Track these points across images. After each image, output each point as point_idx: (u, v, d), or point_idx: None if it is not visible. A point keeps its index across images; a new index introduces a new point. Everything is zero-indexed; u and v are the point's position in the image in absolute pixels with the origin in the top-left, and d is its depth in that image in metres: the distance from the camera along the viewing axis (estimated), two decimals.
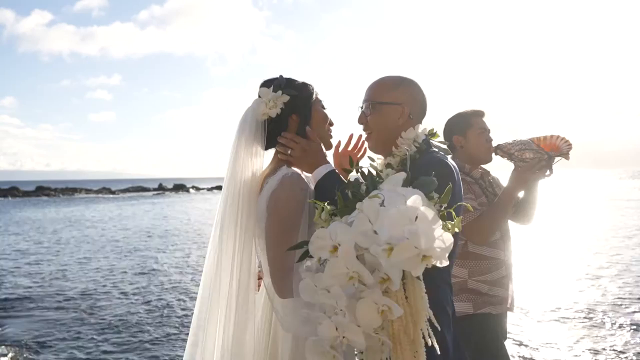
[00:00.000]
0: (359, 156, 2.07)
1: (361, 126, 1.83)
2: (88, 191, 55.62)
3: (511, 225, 2.64)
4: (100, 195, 52.30)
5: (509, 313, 2.66)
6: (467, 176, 2.57)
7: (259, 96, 1.71)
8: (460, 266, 2.49)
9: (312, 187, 1.67)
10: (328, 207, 1.40)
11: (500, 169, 2.71)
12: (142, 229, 18.60)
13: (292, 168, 1.66)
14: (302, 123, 1.71)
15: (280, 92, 1.68)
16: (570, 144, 2.43)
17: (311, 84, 1.76)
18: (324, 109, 1.78)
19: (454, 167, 1.64)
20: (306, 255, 1.30)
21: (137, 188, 61.65)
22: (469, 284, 2.48)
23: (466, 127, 2.62)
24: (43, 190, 52.85)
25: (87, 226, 20.07)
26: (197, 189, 59.77)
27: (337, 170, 1.72)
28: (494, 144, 2.60)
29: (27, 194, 50.90)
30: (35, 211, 29.62)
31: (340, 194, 1.35)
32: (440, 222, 1.15)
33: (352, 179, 1.65)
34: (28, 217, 25.08)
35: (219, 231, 1.66)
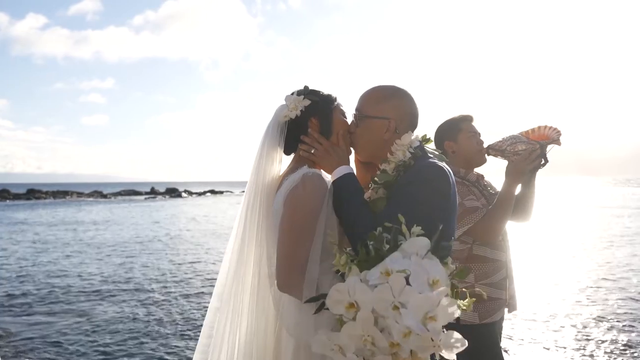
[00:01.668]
0: None
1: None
2: (80, 194, 55.30)
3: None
4: (91, 198, 51.99)
5: (509, 313, 2.67)
6: (464, 180, 2.59)
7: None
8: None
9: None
10: (350, 253, 1.45)
11: (494, 174, 2.73)
12: (132, 232, 18.51)
13: (313, 169, 1.70)
14: (322, 127, 1.76)
15: (302, 97, 1.76)
16: (559, 131, 2.43)
17: (334, 95, 1.83)
18: (345, 117, 1.82)
19: (448, 171, 1.66)
20: (322, 307, 1.38)
21: (129, 192, 61.37)
22: (476, 289, 2.49)
23: (456, 132, 2.65)
24: (34, 193, 52.43)
25: (77, 229, 19.94)
26: (190, 193, 59.51)
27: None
28: (485, 145, 2.63)
29: (17, 196, 50.48)
30: (25, 214, 29.39)
31: (363, 247, 1.38)
32: (456, 308, 1.23)
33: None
34: (18, 220, 24.89)
35: (241, 233, 1.73)
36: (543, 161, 2.45)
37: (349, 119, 1.83)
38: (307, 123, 1.76)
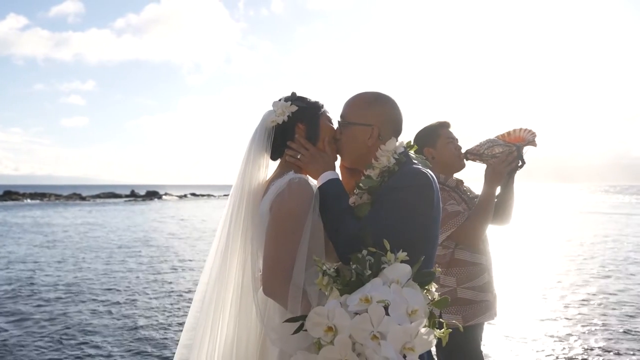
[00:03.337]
0: None
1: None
2: (58, 196, 54.35)
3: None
4: (70, 201, 51.13)
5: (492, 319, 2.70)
6: (444, 185, 2.63)
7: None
8: (449, 274, 2.53)
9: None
10: (330, 270, 1.46)
11: (473, 181, 2.78)
12: (108, 235, 18.28)
13: (300, 174, 1.71)
14: (309, 133, 1.78)
15: (289, 102, 1.78)
16: (534, 133, 2.49)
17: (321, 101, 1.85)
18: (331, 123, 1.84)
19: (432, 177, 1.68)
20: (301, 328, 1.40)
21: (109, 194, 60.57)
22: (459, 292, 2.52)
23: (435, 138, 2.69)
24: (11, 195, 51.48)
25: (53, 231, 19.61)
26: (170, 196, 58.93)
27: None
28: (463, 150, 2.68)
29: None
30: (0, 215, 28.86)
31: (344, 269, 1.42)
32: (433, 337, 1.31)
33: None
34: None
35: (225, 237, 1.72)
36: (520, 163, 2.51)
37: (335, 125, 1.85)
38: (294, 129, 1.77)
